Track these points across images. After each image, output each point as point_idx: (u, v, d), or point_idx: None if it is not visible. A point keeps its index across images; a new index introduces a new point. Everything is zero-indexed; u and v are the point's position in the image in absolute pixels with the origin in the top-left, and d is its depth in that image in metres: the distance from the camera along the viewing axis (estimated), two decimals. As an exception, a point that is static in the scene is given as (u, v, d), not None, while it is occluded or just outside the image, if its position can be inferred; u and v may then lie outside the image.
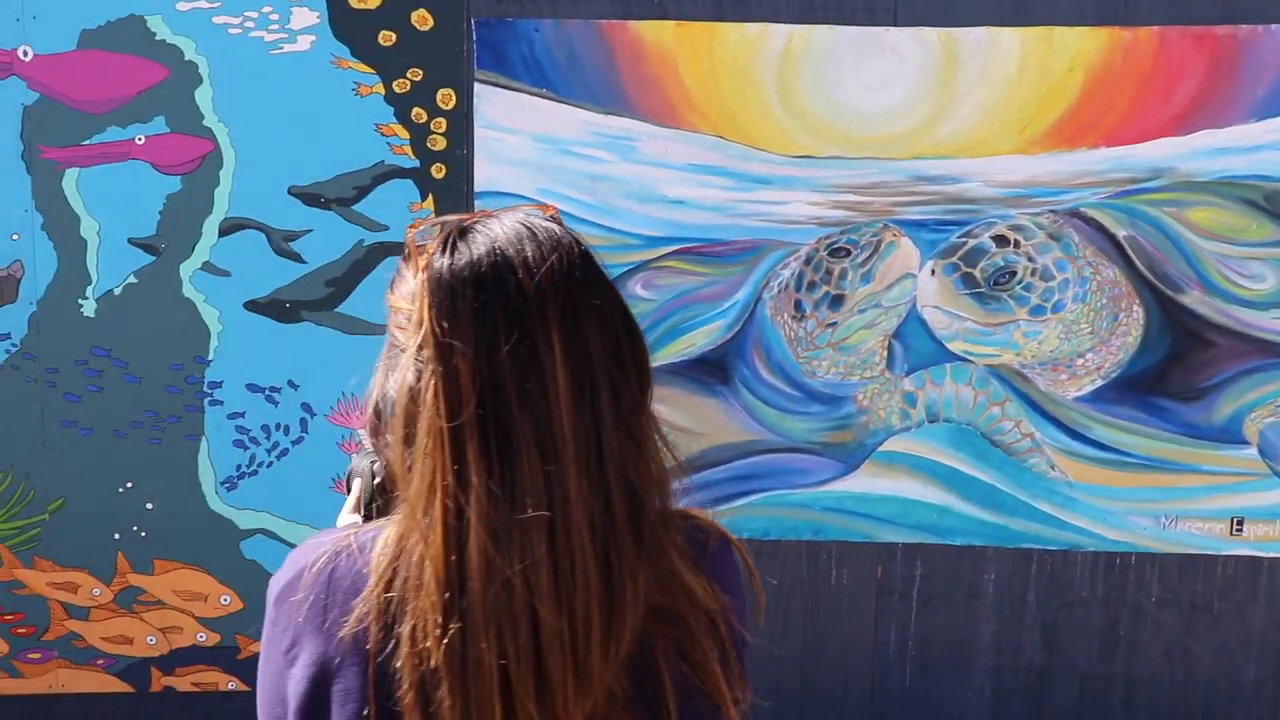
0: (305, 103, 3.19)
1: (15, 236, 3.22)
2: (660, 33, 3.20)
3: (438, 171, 3.22)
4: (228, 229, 3.23)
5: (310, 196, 3.22)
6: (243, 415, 3.28)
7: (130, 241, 3.23)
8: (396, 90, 3.20)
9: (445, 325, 0.99)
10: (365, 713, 0.98)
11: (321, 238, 3.24)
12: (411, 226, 1.12)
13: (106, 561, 3.30)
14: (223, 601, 3.35)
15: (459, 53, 3.19)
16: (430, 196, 3.23)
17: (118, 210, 3.23)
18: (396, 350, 1.06)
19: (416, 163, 3.22)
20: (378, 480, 1.25)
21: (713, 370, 3.29)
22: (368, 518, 1.27)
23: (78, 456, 3.27)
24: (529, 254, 1.02)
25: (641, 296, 3.27)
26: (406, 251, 1.08)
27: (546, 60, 3.21)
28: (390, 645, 0.97)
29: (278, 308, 3.26)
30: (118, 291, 3.25)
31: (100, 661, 3.34)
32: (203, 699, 3.36)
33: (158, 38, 3.16)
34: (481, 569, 0.94)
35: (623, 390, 1.02)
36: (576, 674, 0.95)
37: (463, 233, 1.05)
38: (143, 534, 3.29)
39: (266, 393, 3.27)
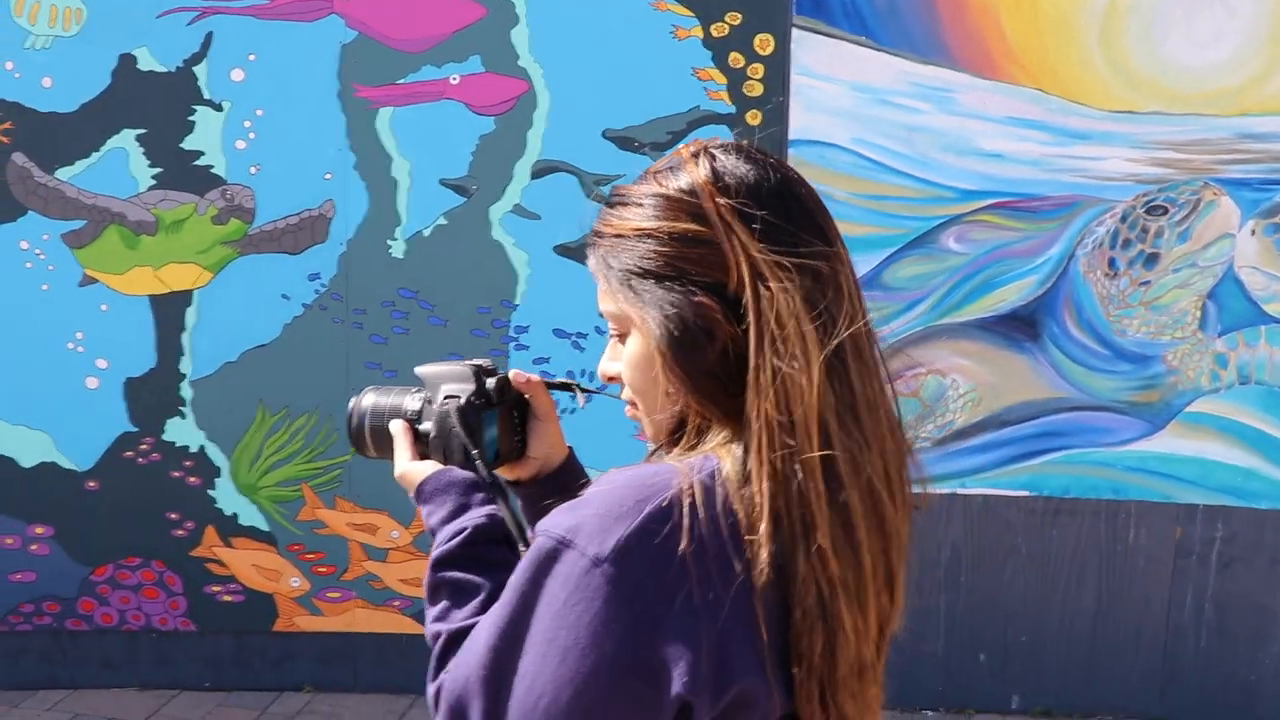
0: (622, 44, 3.14)
1: (328, 176, 3.18)
2: (982, -19, 3.13)
3: (753, 118, 3.17)
4: (539, 172, 3.20)
5: (624, 140, 3.18)
6: (548, 360, 3.25)
7: (441, 182, 3.20)
8: (714, 34, 3.15)
9: (768, 238, 0.97)
10: (763, 654, 0.92)
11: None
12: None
13: (406, 504, 3.25)
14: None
15: (779, -3, 3.14)
16: (746, 144, 3.17)
17: (430, 151, 3.19)
18: (666, 279, 1.00)
19: (733, 109, 3.17)
20: (451, 418, 1.16)
21: (1022, 326, 3.24)
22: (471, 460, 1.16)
23: (380, 398, 3.25)
24: (792, 171, 1.03)
25: (954, 250, 3.22)
26: (664, 166, 1.03)
27: (866, 8, 3.15)
28: (773, 575, 0.92)
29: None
30: (427, 233, 3.22)
31: (396, 603, 3.34)
32: (496, 642, 3.36)
33: (473, -24, 3.12)
34: (850, 473, 0.95)
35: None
36: (902, 559, 1.00)
37: (723, 155, 1.01)
38: (443, 477, 3.27)
39: (573, 339, 3.25)
